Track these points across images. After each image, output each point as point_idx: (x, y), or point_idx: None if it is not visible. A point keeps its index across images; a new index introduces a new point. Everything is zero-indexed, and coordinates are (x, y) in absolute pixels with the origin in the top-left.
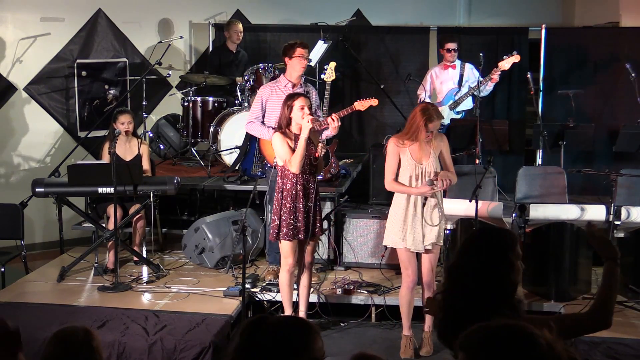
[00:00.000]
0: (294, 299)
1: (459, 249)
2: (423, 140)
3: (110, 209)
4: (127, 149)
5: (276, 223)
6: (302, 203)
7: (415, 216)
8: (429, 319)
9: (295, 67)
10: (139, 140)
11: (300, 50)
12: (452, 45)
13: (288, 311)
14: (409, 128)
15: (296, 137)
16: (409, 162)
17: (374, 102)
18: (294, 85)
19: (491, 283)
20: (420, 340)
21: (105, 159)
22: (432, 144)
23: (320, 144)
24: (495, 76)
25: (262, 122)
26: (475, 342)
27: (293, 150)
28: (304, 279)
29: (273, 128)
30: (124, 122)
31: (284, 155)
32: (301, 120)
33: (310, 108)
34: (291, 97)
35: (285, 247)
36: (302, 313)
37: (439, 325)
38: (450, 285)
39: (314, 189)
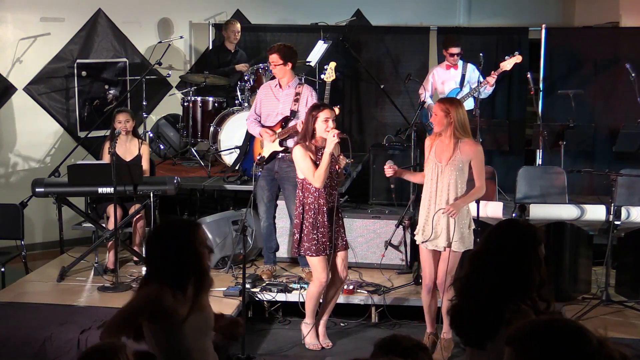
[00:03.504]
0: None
1: (484, 237)
2: (434, 129)
3: (110, 209)
4: (127, 149)
5: (296, 237)
6: (326, 217)
7: (428, 214)
8: (446, 324)
9: None
10: (140, 140)
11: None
12: (455, 50)
13: (310, 320)
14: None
15: (317, 150)
16: (432, 159)
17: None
18: (281, 86)
19: (513, 276)
20: (437, 345)
21: (106, 158)
22: (460, 148)
23: (341, 156)
24: (491, 79)
25: (259, 120)
26: (525, 336)
27: (314, 164)
28: (333, 291)
29: (264, 126)
30: (121, 121)
31: (306, 169)
32: (324, 133)
33: (334, 121)
34: (317, 108)
35: (314, 263)
36: (323, 322)
37: (453, 310)
38: (471, 272)
39: (335, 202)
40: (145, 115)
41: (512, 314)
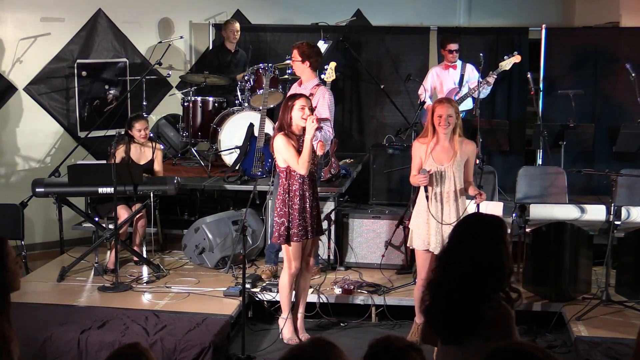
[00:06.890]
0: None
1: (452, 234)
2: (442, 132)
3: (119, 210)
4: (142, 153)
5: (285, 225)
6: (309, 203)
7: (436, 217)
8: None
9: None
10: (154, 144)
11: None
12: (454, 46)
13: (286, 313)
14: (425, 126)
15: (298, 138)
16: (430, 164)
17: None
18: (300, 85)
19: (482, 269)
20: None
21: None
22: (458, 148)
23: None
24: (490, 79)
25: None
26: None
27: (297, 151)
28: (304, 281)
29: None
30: (140, 130)
31: (290, 157)
32: (301, 121)
33: (310, 109)
34: (292, 98)
35: (295, 249)
36: (300, 315)
37: (429, 311)
38: (442, 272)
39: (315, 188)
40: (145, 115)
41: (492, 312)
